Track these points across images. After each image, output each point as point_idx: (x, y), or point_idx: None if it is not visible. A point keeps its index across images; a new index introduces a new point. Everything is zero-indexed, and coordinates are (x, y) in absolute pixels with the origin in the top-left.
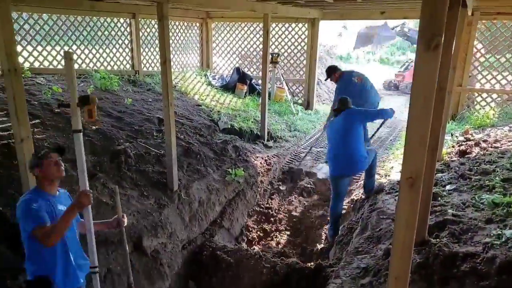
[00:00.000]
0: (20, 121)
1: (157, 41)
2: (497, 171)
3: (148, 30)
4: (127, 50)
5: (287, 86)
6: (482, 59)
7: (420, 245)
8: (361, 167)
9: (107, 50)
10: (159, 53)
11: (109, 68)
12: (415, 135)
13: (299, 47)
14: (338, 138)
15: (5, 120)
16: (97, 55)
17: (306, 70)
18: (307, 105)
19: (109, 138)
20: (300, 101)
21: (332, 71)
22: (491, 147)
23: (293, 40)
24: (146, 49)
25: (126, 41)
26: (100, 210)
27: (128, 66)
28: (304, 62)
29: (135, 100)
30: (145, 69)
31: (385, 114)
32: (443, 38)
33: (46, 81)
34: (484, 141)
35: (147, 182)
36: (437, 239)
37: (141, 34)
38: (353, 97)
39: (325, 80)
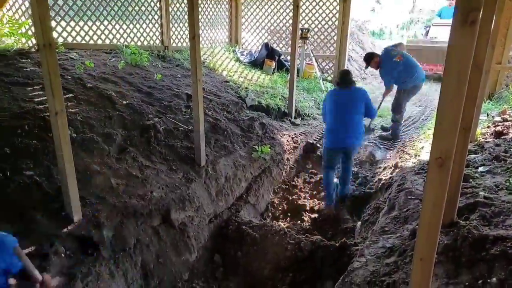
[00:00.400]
0: (55, 94)
1: (186, 16)
2: None
3: (178, 5)
4: (156, 25)
5: (317, 63)
6: None
7: (449, 227)
8: (357, 143)
9: (137, 26)
10: (188, 28)
11: (139, 43)
12: (447, 114)
13: (330, 22)
14: (343, 112)
15: (41, 94)
16: (128, 31)
17: (337, 46)
18: None
19: (139, 113)
20: (329, 78)
21: (370, 59)
22: None
23: (323, 15)
24: (176, 25)
25: (156, 17)
26: (129, 183)
27: (157, 41)
28: (335, 37)
29: (165, 75)
30: (174, 44)
31: (375, 114)
32: (481, 13)
33: (79, 56)
34: None
35: (176, 156)
36: (467, 221)
37: (170, 9)
38: (403, 77)
39: (365, 68)
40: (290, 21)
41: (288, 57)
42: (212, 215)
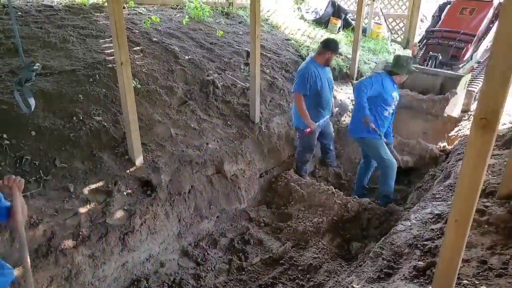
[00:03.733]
0: (120, 45)
1: None
2: None
3: None
4: None
5: (386, 22)
6: None
7: (506, 198)
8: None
9: None
10: None
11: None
12: (496, 74)
13: None
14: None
15: (111, 46)
16: None
17: (409, 5)
18: (406, 43)
19: (200, 68)
20: (399, 39)
21: None
22: None
23: None
24: None
25: None
26: (187, 133)
27: None
28: None
29: (227, 32)
30: (239, 1)
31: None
32: None
33: (146, 11)
34: None
35: (232, 112)
36: None
37: None
38: None
39: None
40: None
41: (355, 16)
42: (263, 170)
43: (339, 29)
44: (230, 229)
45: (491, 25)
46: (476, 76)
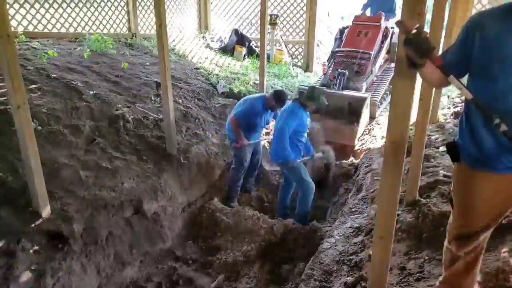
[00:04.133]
0: (15, 88)
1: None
2: None
3: None
4: (123, 12)
5: (286, 48)
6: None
7: (411, 205)
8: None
9: (103, 13)
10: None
11: (105, 31)
12: (400, 99)
13: (298, 8)
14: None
15: (3, 85)
16: (93, 18)
17: (306, 32)
18: (307, 67)
19: (107, 103)
20: (299, 63)
21: None
22: None
23: (292, 0)
24: (143, 11)
25: (122, 3)
26: (99, 174)
27: (124, 29)
28: (304, 23)
29: (133, 64)
30: (142, 31)
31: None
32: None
33: (41, 46)
34: None
35: (146, 146)
36: (427, 200)
37: None
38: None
39: None
40: (259, 7)
41: (259, 43)
42: (185, 204)
43: (244, 56)
44: (156, 272)
45: (382, 45)
46: (377, 87)
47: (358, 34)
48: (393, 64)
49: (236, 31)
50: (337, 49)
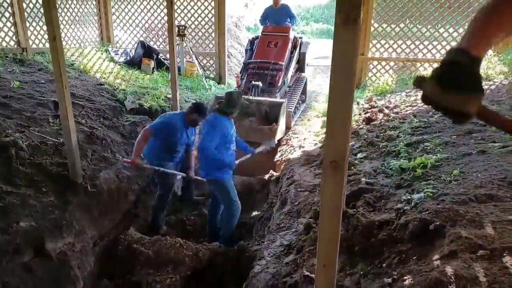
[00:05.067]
0: None
1: None
2: (401, 136)
3: (34, 1)
4: (9, 24)
5: (197, 60)
6: (380, 29)
7: None
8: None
9: None
10: None
11: None
12: (337, 116)
13: (206, 19)
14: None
15: None
16: None
17: (216, 43)
18: (219, 79)
19: None
20: (212, 76)
21: None
22: (393, 113)
23: (199, 11)
24: (34, 23)
25: (7, 14)
26: None
27: (12, 42)
28: (213, 34)
29: (24, 82)
30: (34, 46)
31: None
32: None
33: None
34: (386, 107)
35: (46, 176)
36: (354, 209)
37: (25, 5)
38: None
39: None
40: (165, 18)
41: (167, 55)
42: (96, 237)
43: (153, 69)
44: None
45: (292, 55)
46: (290, 97)
47: (268, 44)
48: (303, 74)
49: (142, 43)
50: (248, 60)
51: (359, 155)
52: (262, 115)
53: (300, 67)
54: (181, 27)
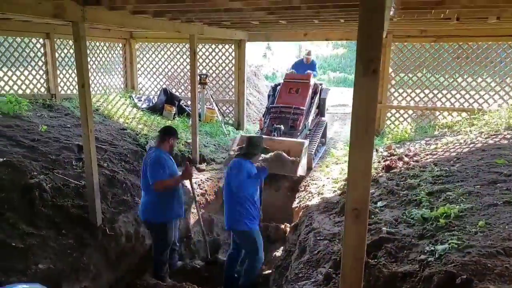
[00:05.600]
0: None
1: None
2: (422, 185)
3: (66, 50)
4: (41, 72)
5: (217, 107)
6: (397, 78)
7: None
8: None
9: (17, 73)
10: None
11: (20, 92)
12: (359, 164)
13: (227, 68)
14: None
15: None
16: (5, 78)
17: (235, 91)
18: (238, 125)
19: (19, 171)
20: (231, 122)
21: None
22: (413, 161)
23: (220, 61)
24: (64, 71)
25: (40, 63)
26: (7, 256)
27: (43, 89)
28: (233, 82)
29: (52, 126)
30: (62, 92)
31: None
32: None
33: None
34: (406, 155)
35: (66, 218)
36: (375, 260)
37: (57, 55)
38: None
39: None
40: (188, 67)
41: (189, 102)
42: (112, 281)
43: (174, 115)
44: None
45: (312, 100)
46: (311, 140)
47: (289, 91)
48: (323, 118)
49: (165, 90)
50: (271, 105)
51: (379, 204)
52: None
53: (320, 111)
54: (202, 76)
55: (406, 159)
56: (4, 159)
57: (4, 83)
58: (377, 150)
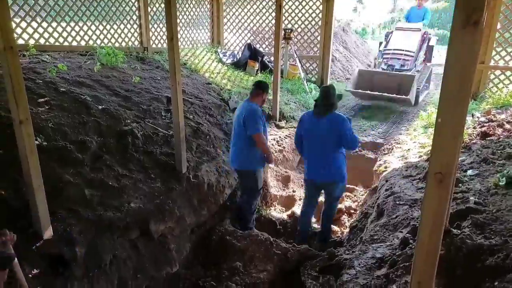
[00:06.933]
0: (18, 102)
1: None
2: None
3: (157, 5)
4: (135, 26)
5: (300, 63)
6: (507, 35)
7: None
8: (337, 179)
9: (115, 27)
10: None
11: (116, 45)
12: (448, 125)
13: (313, 23)
14: (318, 144)
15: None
16: (104, 32)
17: (321, 47)
18: (321, 82)
19: (116, 118)
20: (313, 79)
21: None
22: None
23: (307, 15)
24: (155, 25)
25: (134, 17)
26: (105, 194)
27: (136, 42)
28: (319, 38)
29: (143, 78)
30: (154, 45)
31: (355, 145)
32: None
33: (51, 59)
34: (508, 122)
35: (155, 164)
36: (459, 230)
37: (149, 9)
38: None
39: None
40: (273, 22)
41: (272, 58)
42: (194, 225)
43: (257, 71)
44: None
45: (421, 46)
46: (418, 78)
47: (401, 36)
48: (429, 64)
49: (249, 46)
50: (384, 48)
51: (469, 172)
52: (395, 87)
53: (428, 57)
54: (287, 30)
55: (507, 126)
56: (103, 107)
57: (104, 36)
58: (473, 115)
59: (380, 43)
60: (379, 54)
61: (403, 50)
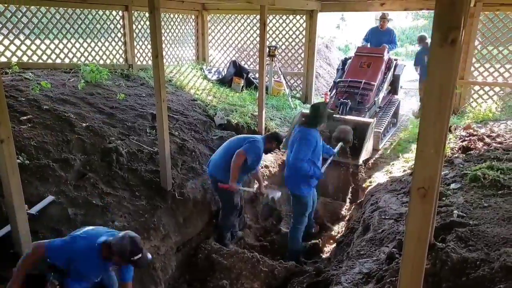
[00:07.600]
0: (0, 121)
1: None
2: (504, 169)
3: (142, 22)
4: (120, 43)
5: (285, 80)
6: (484, 52)
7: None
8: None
9: (99, 44)
10: None
11: (101, 62)
12: (429, 140)
13: (297, 40)
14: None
15: None
16: (89, 49)
17: (304, 63)
18: (305, 99)
19: (100, 136)
20: (298, 95)
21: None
22: (495, 142)
23: (290, 32)
24: (140, 42)
25: (119, 34)
26: (89, 212)
27: (121, 60)
28: (302, 55)
29: (128, 95)
30: (139, 62)
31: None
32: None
33: (35, 76)
34: (488, 136)
35: (140, 181)
36: (444, 243)
37: (134, 27)
38: None
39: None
40: (258, 39)
41: (257, 75)
42: (179, 243)
43: (242, 88)
44: None
45: (385, 76)
46: (380, 119)
47: (361, 65)
48: (396, 96)
49: (234, 63)
50: (339, 79)
51: (452, 186)
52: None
53: (393, 89)
54: (272, 48)
55: (487, 140)
56: (87, 124)
57: (88, 53)
58: (452, 130)
59: (337, 70)
60: (332, 87)
61: (361, 82)
